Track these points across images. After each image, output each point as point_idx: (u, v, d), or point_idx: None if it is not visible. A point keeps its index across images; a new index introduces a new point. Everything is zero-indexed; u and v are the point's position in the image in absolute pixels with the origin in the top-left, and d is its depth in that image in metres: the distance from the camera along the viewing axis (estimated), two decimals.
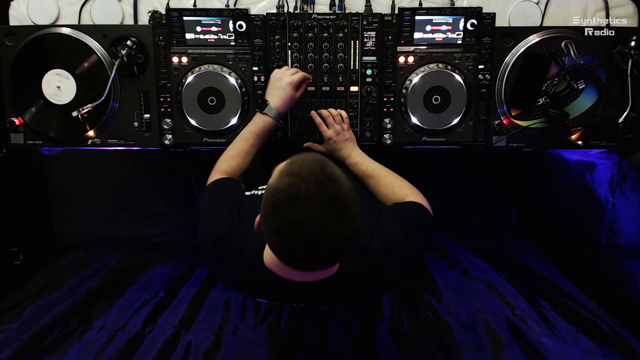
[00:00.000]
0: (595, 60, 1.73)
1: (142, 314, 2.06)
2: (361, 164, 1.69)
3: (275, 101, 1.64)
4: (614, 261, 2.08)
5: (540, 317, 1.99)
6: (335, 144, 1.75)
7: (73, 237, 2.85)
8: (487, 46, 1.79)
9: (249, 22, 1.77)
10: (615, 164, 2.06)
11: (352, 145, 1.76)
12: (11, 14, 1.89)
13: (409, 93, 1.79)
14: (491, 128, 1.85)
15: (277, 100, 1.64)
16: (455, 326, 1.94)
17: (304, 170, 0.99)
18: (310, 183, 0.97)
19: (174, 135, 1.86)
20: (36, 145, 1.88)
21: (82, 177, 2.85)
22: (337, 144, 1.75)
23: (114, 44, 1.77)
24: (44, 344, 1.85)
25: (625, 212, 2.02)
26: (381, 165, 1.66)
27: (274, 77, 1.70)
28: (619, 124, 1.79)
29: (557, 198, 2.58)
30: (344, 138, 1.75)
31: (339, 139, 1.75)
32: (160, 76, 1.82)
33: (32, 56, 1.77)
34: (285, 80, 1.66)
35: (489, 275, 2.32)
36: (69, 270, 2.48)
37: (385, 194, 1.55)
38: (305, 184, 0.97)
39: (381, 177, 1.60)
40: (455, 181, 2.93)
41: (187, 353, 1.81)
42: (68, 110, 1.75)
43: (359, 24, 1.77)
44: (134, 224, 2.92)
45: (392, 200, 1.52)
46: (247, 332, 1.93)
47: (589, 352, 1.77)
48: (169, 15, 1.77)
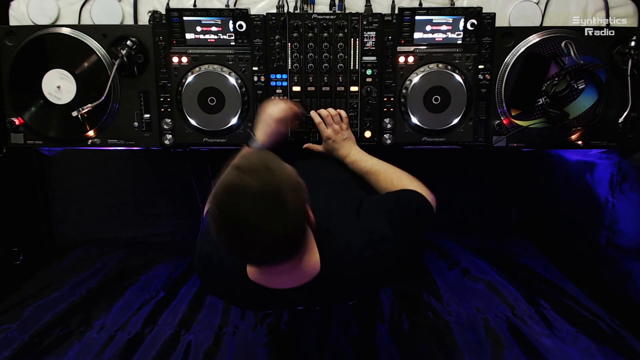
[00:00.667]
0: (595, 60, 1.73)
1: (142, 314, 2.06)
2: (360, 161, 1.69)
3: (260, 135, 1.61)
4: (614, 261, 2.08)
5: (540, 317, 1.99)
6: (334, 143, 1.76)
7: (73, 237, 2.85)
8: (487, 46, 1.79)
9: (249, 22, 1.77)
10: (615, 164, 2.06)
11: (350, 144, 1.76)
12: (11, 14, 1.89)
13: (409, 93, 1.79)
14: (491, 128, 1.85)
15: (263, 134, 1.61)
16: (455, 326, 1.94)
17: (246, 163, 1.01)
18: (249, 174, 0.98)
19: (174, 135, 1.86)
20: (36, 145, 1.88)
21: (82, 177, 2.85)
22: (336, 143, 1.76)
23: (114, 44, 1.77)
24: (44, 344, 1.85)
25: (625, 212, 2.02)
26: (381, 161, 1.66)
27: (262, 109, 1.66)
28: (619, 124, 1.79)
29: (557, 198, 2.57)
30: (342, 137, 1.76)
31: (338, 138, 1.76)
32: (160, 76, 1.82)
33: (32, 56, 1.77)
34: (272, 115, 1.61)
35: (489, 275, 2.32)
36: (69, 270, 2.49)
37: (385, 187, 1.55)
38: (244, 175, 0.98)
39: (380, 171, 1.60)
40: (455, 181, 2.93)
41: (187, 353, 1.82)
42: (68, 110, 1.75)
43: (359, 24, 1.77)
44: (134, 224, 2.92)
45: None
46: (247, 332, 1.93)
47: (589, 352, 1.77)
48: (169, 15, 1.77)
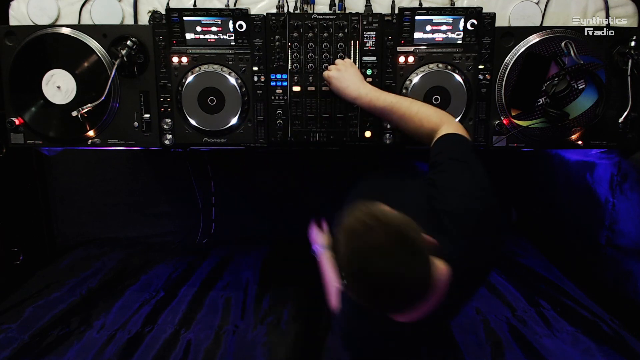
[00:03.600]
0: (595, 60, 1.73)
1: (142, 314, 2.06)
2: (376, 99, 1.53)
3: None
4: (614, 261, 2.08)
5: (540, 318, 1.99)
6: (337, 80, 1.62)
7: (73, 237, 2.85)
8: (487, 46, 1.79)
9: (249, 22, 1.77)
10: (615, 164, 2.06)
11: (356, 79, 1.61)
12: (11, 14, 1.89)
13: (409, 93, 1.79)
14: (491, 128, 1.85)
15: None
16: (455, 327, 1.94)
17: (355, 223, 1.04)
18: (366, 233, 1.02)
19: (174, 135, 1.86)
20: (36, 145, 1.88)
21: (82, 177, 2.85)
22: (339, 80, 1.62)
23: (114, 44, 1.77)
24: (44, 344, 1.85)
25: (625, 212, 2.02)
26: (398, 96, 1.53)
27: None
28: (619, 124, 1.79)
29: (557, 198, 2.57)
30: (346, 73, 1.63)
31: (339, 74, 1.63)
32: (160, 76, 1.82)
33: (32, 56, 1.77)
34: None
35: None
36: (69, 270, 2.49)
37: (414, 128, 1.44)
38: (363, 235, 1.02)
39: (404, 109, 1.46)
40: None
41: (187, 352, 1.82)
42: (68, 110, 1.75)
43: (359, 24, 1.77)
44: (134, 224, 2.93)
45: (424, 134, 1.42)
46: (247, 332, 1.93)
47: (589, 352, 1.77)
48: (169, 15, 1.77)
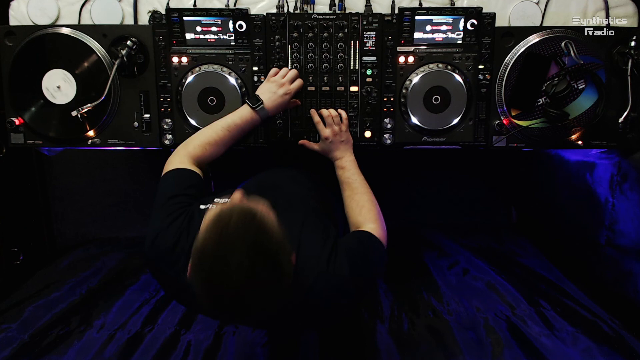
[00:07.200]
0: (595, 60, 1.73)
1: (142, 314, 2.07)
2: (347, 170, 1.66)
3: (269, 103, 1.62)
4: (614, 261, 2.08)
5: (540, 317, 1.99)
6: (332, 144, 1.72)
7: (73, 237, 2.85)
8: (487, 46, 1.79)
9: (249, 22, 1.77)
10: (615, 164, 2.06)
11: (347, 147, 1.73)
12: (11, 14, 1.89)
13: (409, 93, 1.79)
14: (491, 128, 1.85)
15: (271, 103, 1.62)
16: (455, 326, 1.94)
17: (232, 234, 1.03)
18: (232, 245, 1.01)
19: (174, 135, 1.86)
20: (36, 145, 1.88)
21: (82, 177, 2.85)
22: (334, 144, 1.72)
23: (114, 44, 1.77)
24: (44, 344, 1.85)
25: (625, 212, 2.02)
26: (364, 181, 1.63)
27: (273, 78, 1.69)
28: (619, 124, 1.79)
29: (557, 198, 2.57)
30: (340, 139, 1.73)
31: (336, 140, 1.73)
32: (160, 76, 1.82)
33: (32, 56, 1.77)
34: (284, 89, 1.65)
35: (488, 275, 2.33)
36: (69, 270, 2.49)
37: (352, 208, 1.54)
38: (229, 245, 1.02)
39: (357, 192, 1.58)
40: (455, 181, 2.93)
41: (187, 352, 1.82)
42: (68, 110, 1.75)
43: (359, 24, 1.77)
44: (134, 224, 2.93)
45: (354, 217, 1.51)
46: (247, 332, 1.93)
47: (589, 352, 1.77)
48: (169, 15, 1.77)
